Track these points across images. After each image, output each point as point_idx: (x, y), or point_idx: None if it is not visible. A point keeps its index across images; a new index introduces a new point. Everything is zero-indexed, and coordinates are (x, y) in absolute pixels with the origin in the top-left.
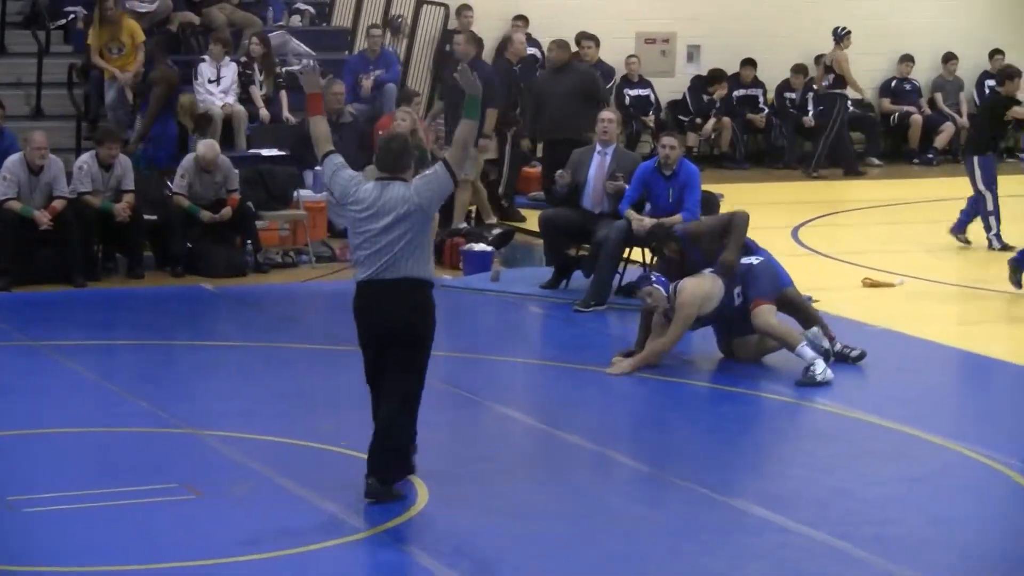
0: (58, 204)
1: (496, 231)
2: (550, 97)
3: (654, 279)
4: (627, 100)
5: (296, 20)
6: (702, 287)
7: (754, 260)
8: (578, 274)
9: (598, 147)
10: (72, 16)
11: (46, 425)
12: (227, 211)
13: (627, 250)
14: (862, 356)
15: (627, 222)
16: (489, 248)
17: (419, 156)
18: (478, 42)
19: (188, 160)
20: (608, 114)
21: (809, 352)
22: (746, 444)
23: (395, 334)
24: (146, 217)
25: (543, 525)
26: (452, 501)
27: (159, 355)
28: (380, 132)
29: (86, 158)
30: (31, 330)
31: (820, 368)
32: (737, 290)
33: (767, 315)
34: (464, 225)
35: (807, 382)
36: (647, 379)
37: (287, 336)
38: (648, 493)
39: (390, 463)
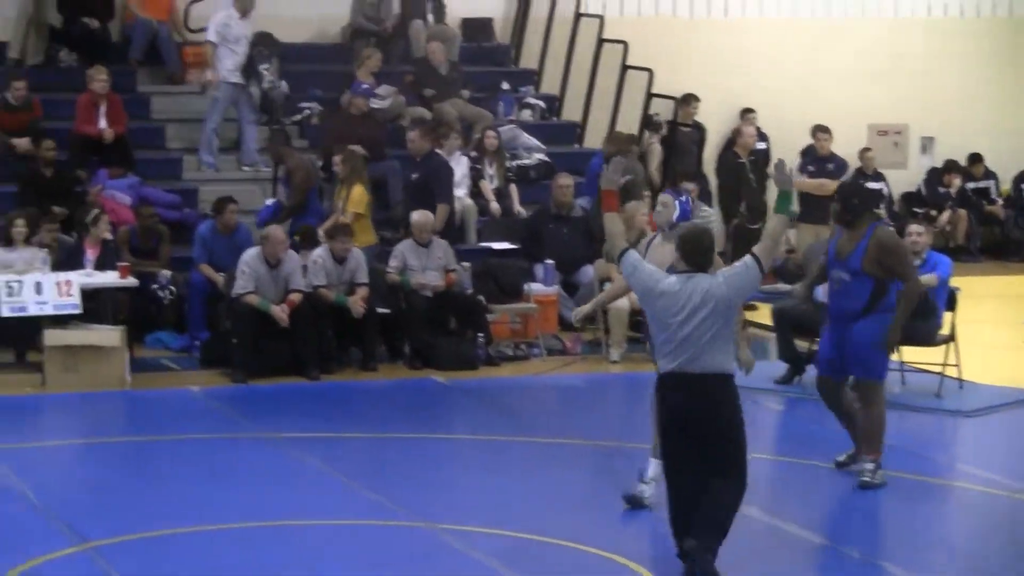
0: (295, 298)
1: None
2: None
3: (683, 199)
4: None
5: (526, 114)
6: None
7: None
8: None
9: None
10: (307, 112)
11: (280, 517)
12: (441, 283)
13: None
14: None
15: None
16: None
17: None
18: (432, 136)
19: (403, 243)
20: None
21: None
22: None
23: (701, 429)
24: (379, 310)
25: None
26: None
27: (391, 447)
28: None
29: (320, 252)
30: (265, 422)
31: None
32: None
33: None
34: None
35: None
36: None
37: (518, 430)
38: None
39: (714, 537)
